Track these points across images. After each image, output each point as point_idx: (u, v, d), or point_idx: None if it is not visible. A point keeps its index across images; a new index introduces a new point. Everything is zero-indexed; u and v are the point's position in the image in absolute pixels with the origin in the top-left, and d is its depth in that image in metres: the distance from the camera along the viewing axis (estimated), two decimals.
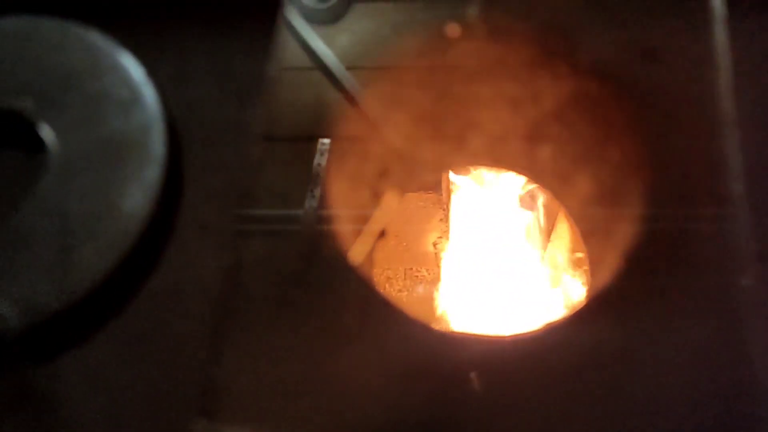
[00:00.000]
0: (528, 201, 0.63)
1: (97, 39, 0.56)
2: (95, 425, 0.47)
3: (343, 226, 0.53)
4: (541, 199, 0.63)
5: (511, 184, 0.65)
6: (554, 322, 0.49)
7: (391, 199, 0.58)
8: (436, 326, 0.50)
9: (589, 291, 0.55)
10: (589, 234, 0.58)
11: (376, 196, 0.59)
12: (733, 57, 0.49)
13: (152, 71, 0.55)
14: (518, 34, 0.53)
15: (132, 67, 0.55)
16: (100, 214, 0.50)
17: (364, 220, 0.57)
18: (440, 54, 0.55)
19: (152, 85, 0.54)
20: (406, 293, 0.63)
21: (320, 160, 0.53)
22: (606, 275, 0.49)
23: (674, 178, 0.47)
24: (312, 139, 0.53)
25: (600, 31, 0.52)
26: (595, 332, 0.46)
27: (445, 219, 0.65)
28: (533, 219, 0.62)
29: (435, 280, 0.62)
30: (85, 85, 0.55)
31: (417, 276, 0.65)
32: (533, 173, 0.60)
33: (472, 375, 0.44)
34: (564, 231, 0.62)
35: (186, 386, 0.46)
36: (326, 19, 0.54)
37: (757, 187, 0.46)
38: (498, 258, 0.60)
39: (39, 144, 0.53)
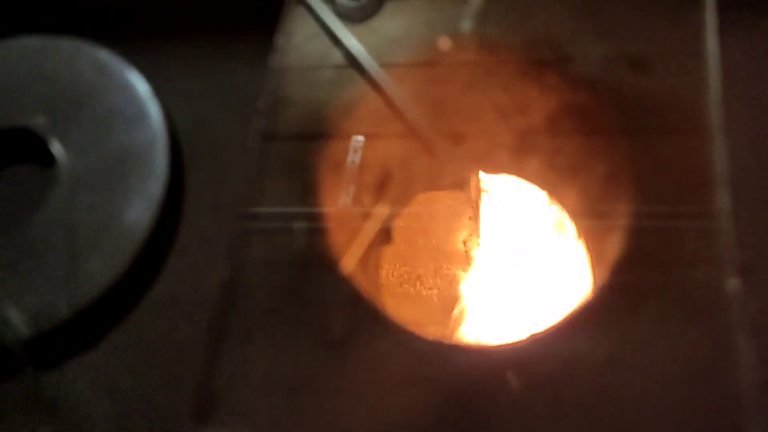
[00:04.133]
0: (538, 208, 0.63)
1: (106, 57, 0.59)
2: (102, 429, 0.49)
3: (369, 224, 0.53)
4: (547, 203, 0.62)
5: (512, 189, 0.64)
6: (541, 331, 0.50)
7: (418, 197, 0.58)
8: (432, 334, 0.51)
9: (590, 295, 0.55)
10: (587, 235, 0.57)
11: (405, 194, 0.59)
12: (723, 66, 0.49)
13: (158, 88, 0.57)
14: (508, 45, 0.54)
15: (139, 84, 0.57)
16: (105, 225, 0.52)
17: (393, 218, 0.56)
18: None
19: (158, 102, 0.56)
20: (437, 291, 0.64)
21: (354, 157, 0.53)
22: (601, 278, 0.49)
23: (663, 184, 0.47)
24: (314, 138, 0.53)
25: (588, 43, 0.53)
26: (582, 340, 0.46)
27: (475, 218, 0.65)
28: (545, 223, 0.62)
29: (463, 278, 0.62)
30: (94, 103, 0.57)
31: (447, 274, 0.65)
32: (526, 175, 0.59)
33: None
34: (564, 233, 0.61)
35: (189, 393, 0.48)
36: (358, 17, 0.55)
37: (744, 194, 0.46)
38: (519, 261, 0.60)
39: (50, 159, 0.56)
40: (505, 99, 0.56)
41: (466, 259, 0.66)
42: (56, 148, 0.56)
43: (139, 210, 0.53)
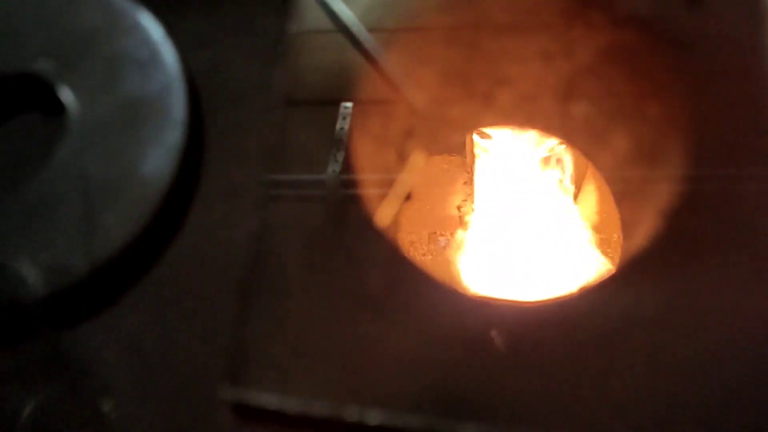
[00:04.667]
0: (554, 161, 0.61)
1: None
2: (127, 388, 0.47)
3: (367, 191, 0.51)
4: (568, 158, 0.60)
5: (539, 144, 0.63)
6: (587, 285, 0.48)
7: (416, 161, 0.56)
8: (463, 290, 0.49)
9: (621, 253, 0.54)
10: (623, 196, 0.55)
11: (401, 159, 0.58)
12: None
13: (171, 30, 0.53)
14: None
15: (151, 26, 0.53)
16: (122, 177, 0.49)
17: (388, 183, 0.56)
18: (467, 9, 0.52)
19: (172, 44, 0.53)
20: (430, 257, 0.62)
21: (343, 124, 0.51)
22: (640, 237, 0.47)
23: (719, 136, 0.44)
24: (335, 103, 0.52)
25: None
26: (631, 295, 0.44)
27: (470, 182, 0.63)
28: (560, 179, 0.59)
29: (460, 243, 0.61)
30: (103, 46, 0.53)
31: (441, 240, 0.63)
32: (563, 133, 0.57)
33: (493, 333, 0.43)
34: (592, 192, 0.59)
35: (215, 349, 0.46)
36: None
37: None
38: (524, 221, 0.58)
39: (58, 106, 0.52)
40: (510, 57, 0.53)
41: (461, 224, 0.64)
42: (65, 94, 0.52)
43: (158, 161, 0.49)
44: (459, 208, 0.62)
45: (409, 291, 0.46)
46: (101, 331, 0.47)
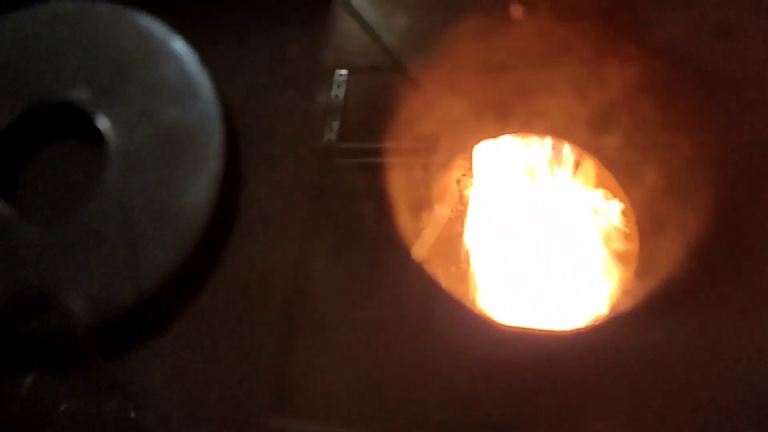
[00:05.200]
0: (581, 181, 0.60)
1: (149, 24, 0.55)
2: (174, 415, 0.48)
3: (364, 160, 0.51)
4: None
5: (563, 158, 0.62)
6: (616, 312, 0.49)
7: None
8: (490, 319, 0.50)
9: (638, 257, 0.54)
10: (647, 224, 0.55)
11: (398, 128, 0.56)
12: None
13: (206, 58, 0.54)
14: (586, 12, 0.50)
15: (185, 54, 0.54)
16: (164, 207, 0.50)
17: (385, 153, 0.54)
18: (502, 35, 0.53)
19: (207, 73, 0.53)
20: (429, 231, 0.63)
21: (337, 91, 0.51)
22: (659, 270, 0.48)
23: (746, 161, 0.45)
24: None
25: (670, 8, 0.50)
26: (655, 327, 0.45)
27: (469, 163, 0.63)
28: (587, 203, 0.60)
29: (459, 217, 0.61)
30: (139, 74, 0.54)
31: (440, 213, 0.64)
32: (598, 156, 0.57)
33: None
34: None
35: (260, 377, 0.48)
36: None
37: None
38: (544, 242, 0.59)
39: (95, 135, 0.53)
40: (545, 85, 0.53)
41: (459, 199, 0.64)
42: (103, 123, 0.53)
43: (198, 191, 0.50)
44: (458, 182, 0.62)
45: (446, 321, 0.47)
46: (148, 360, 0.49)
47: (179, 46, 0.54)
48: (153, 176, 0.51)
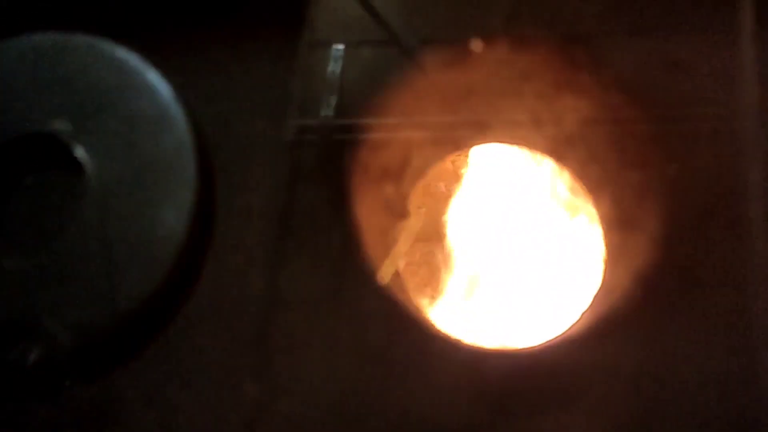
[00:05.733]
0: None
1: (125, 56, 0.57)
2: None
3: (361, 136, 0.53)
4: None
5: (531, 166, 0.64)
6: (573, 331, 0.51)
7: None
8: (460, 340, 0.53)
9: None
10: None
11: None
12: (759, 69, 0.49)
13: (179, 88, 0.55)
14: (542, 44, 0.53)
15: (160, 85, 0.56)
16: (140, 236, 0.52)
17: (383, 128, 0.55)
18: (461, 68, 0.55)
19: (181, 103, 0.55)
20: (425, 210, 0.64)
21: (335, 67, 0.51)
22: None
23: (693, 201, 0.48)
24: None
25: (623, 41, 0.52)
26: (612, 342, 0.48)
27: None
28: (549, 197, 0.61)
29: (453, 195, 0.62)
30: (116, 106, 0.56)
31: (436, 193, 0.65)
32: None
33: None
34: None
35: (234, 398, 0.50)
36: None
37: None
38: (513, 254, 0.61)
39: (75, 165, 0.55)
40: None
41: (454, 177, 0.66)
42: (81, 154, 0.55)
43: (172, 219, 0.52)
44: (453, 162, 0.64)
45: (410, 343, 0.49)
46: (127, 383, 0.51)
47: (154, 77, 0.56)
48: (129, 205, 0.53)
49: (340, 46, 0.52)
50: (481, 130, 0.58)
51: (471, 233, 0.62)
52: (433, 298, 0.55)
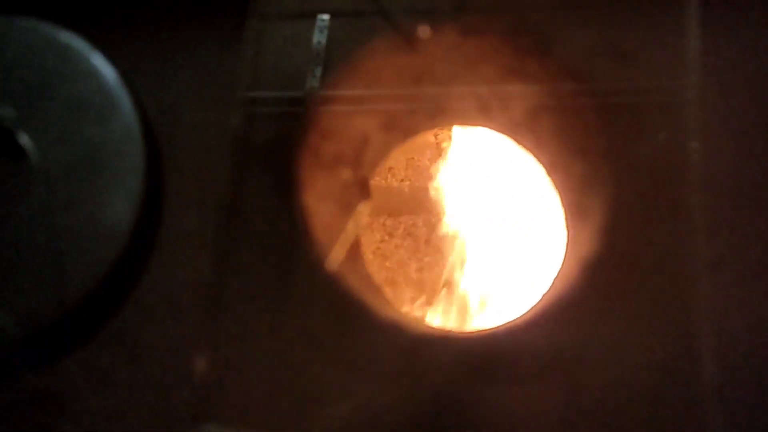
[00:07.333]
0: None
1: (69, 40, 0.56)
2: (100, 422, 0.51)
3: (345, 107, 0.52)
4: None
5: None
6: (529, 314, 0.52)
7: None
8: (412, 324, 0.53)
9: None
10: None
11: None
12: (705, 60, 0.50)
13: (125, 73, 0.55)
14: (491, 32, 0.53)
15: (106, 70, 0.55)
16: (86, 223, 0.52)
17: (365, 100, 0.55)
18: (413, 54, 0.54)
19: (128, 89, 0.54)
20: (408, 183, 0.65)
21: (320, 37, 0.50)
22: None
23: (637, 188, 0.49)
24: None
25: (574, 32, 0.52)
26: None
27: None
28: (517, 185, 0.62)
29: (436, 169, 0.62)
30: (60, 91, 0.55)
31: (419, 166, 0.66)
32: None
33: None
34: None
35: (183, 384, 0.50)
36: None
37: (715, 199, 0.48)
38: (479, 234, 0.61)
39: (19, 151, 0.54)
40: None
41: (437, 151, 0.66)
42: (25, 141, 0.54)
43: (120, 206, 0.52)
44: (435, 135, 0.64)
45: (357, 329, 0.50)
46: (76, 369, 0.51)
47: (99, 62, 0.55)
48: (75, 192, 0.53)
49: (326, 16, 0.50)
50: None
51: (431, 215, 0.63)
52: (393, 285, 0.55)
